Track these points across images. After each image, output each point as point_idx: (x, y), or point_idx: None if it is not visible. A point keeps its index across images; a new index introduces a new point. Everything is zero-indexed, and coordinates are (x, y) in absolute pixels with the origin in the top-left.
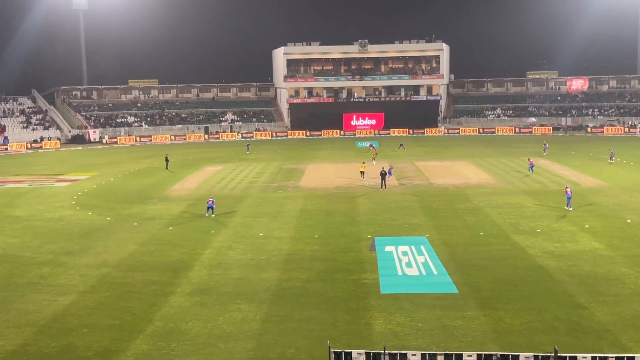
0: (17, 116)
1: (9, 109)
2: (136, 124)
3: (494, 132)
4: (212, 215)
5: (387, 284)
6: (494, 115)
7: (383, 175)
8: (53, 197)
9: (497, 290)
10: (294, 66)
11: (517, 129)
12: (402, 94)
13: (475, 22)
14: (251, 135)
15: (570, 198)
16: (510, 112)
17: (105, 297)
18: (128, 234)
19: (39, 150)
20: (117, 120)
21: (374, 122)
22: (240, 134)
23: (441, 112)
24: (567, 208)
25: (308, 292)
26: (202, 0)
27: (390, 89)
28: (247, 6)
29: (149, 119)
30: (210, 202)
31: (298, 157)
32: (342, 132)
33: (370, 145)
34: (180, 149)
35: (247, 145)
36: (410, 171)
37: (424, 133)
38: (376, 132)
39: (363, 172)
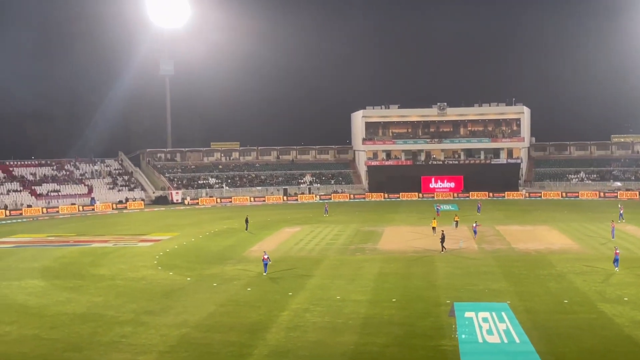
0: (104, 177)
1: (96, 171)
2: (217, 186)
3: (577, 197)
4: (265, 273)
5: (467, 351)
6: (577, 179)
7: (443, 237)
8: (136, 256)
9: None
10: (372, 129)
11: (601, 194)
12: (482, 156)
13: (557, 85)
14: (329, 197)
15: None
16: (594, 176)
17: (184, 357)
18: (207, 294)
19: (124, 211)
20: (199, 181)
21: (452, 184)
22: (318, 196)
23: (522, 175)
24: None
25: (385, 357)
26: (282, 65)
27: (469, 152)
28: (327, 70)
29: (229, 181)
30: (265, 259)
31: (376, 219)
32: (420, 195)
33: (437, 208)
34: (259, 211)
35: (325, 207)
36: (490, 235)
37: (504, 196)
38: (455, 195)
39: (434, 228)
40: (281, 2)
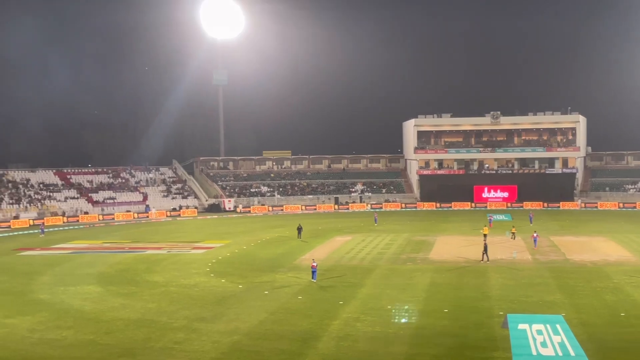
0: (158, 185)
1: (151, 179)
2: (269, 194)
3: (634, 207)
4: (314, 280)
5: None
6: (634, 190)
7: (486, 247)
8: (189, 263)
9: None
10: (424, 138)
11: None
12: (536, 166)
13: (614, 93)
14: (380, 206)
15: None
16: None
17: None
18: (259, 302)
19: (178, 218)
20: (251, 190)
21: (506, 194)
22: (369, 205)
23: (577, 185)
24: None
25: None
26: (334, 74)
27: (523, 161)
28: (379, 79)
29: (281, 189)
30: (314, 266)
31: (427, 229)
32: (473, 205)
33: (490, 219)
34: (310, 219)
35: (375, 216)
36: (545, 246)
37: (559, 207)
38: (509, 204)
39: (485, 235)
40: (333, 12)
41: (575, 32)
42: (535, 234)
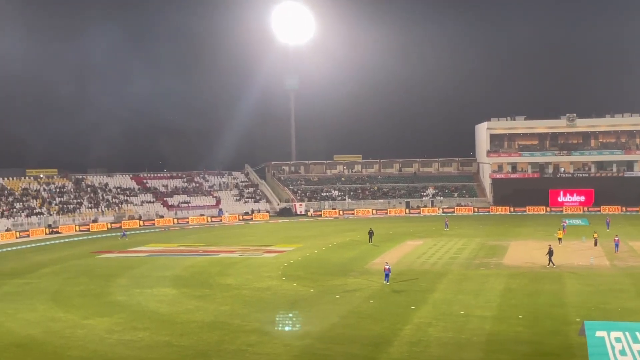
0: (231, 189)
1: (224, 183)
2: (340, 198)
3: None
4: (387, 283)
5: None
6: None
7: (551, 252)
8: (261, 267)
9: None
10: (497, 141)
11: None
12: (614, 169)
13: None
14: (452, 210)
15: None
16: None
17: None
18: (330, 305)
19: (250, 222)
20: (322, 194)
21: (582, 198)
22: (441, 209)
23: None
24: None
25: None
26: (405, 78)
27: (600, 164)
28: (450, 82)
29: (352, 193)
30: (387, 269)
31: (501, 233)
32: (548, 209)
33: (564, 224)
34: (381, 223)
35: (446, 221)
36: (623, 252)
37: (638, 211)
38: (585, 209)
39: (560, 239)
40: (404, 17)
41: None
42: (616, 238)
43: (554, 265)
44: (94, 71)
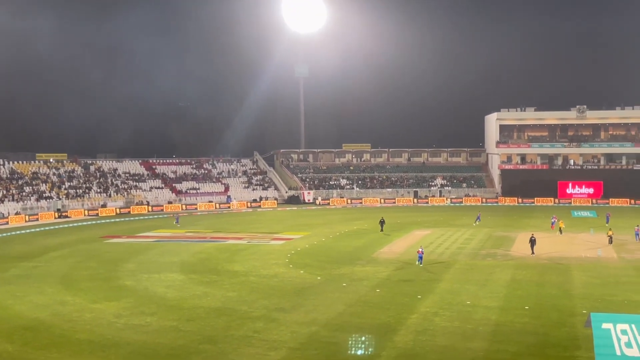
0: (239, 177)
1: (233, 170)
2: (348, 187)
3: None
4: (420, 265)
5: None
6: None
7: (533, 241)
8: (268, 254)
9: None
10: (506, 132)
11: None
12: (624, 162)
13: None
14: (460, 200)
15: None
16: None
17: (313, 355)
18: (337, 294)
19: (258, 209)
20: (330, 182)
21: (591, 190)
22: (449, 199)
23: None
24: None
25: None
26: (415, 67)
27: (610, 157)
28: (460, 72)
29: (360, 182)
30: (420, 252)
31: (509, 224)
32: (556, 200)
33: (553, 219)
34: (389, 212)
35: (478, 215)
36: (631, 244)
37: None
38: (594, 201)
39: (561, 229)
40: (415, 7)
41: None
42: (637, 227)
43: (534, 253)
44: (105, 57)
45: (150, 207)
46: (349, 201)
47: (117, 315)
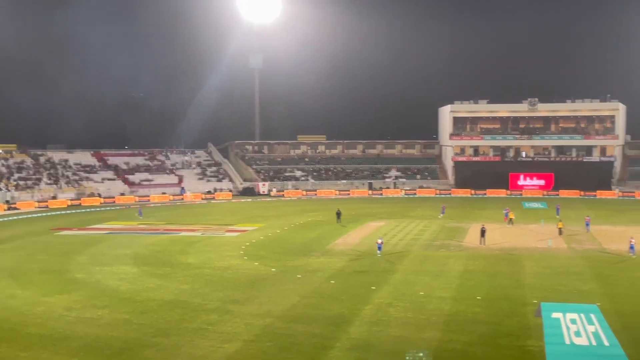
0: (193, 168)
1: (186, 161)
2: (303, 178)
3: None
4: (379, 254)
5: (553, 352)
6: None
7: (483, 232)
8: (223, 246)
9: None
10: (460, 124)
11: None
12: (574, 154)
13: None
14: (414, 192)
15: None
16: None
17: (268, 347)
18: (291, 285)
19: (212, 201)
20: (285, 174)
21: (542, 182)
22: (403, 191)
23: (615, 174)
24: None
25: (469, 356)
26: (370, 60)
27: (560, 149)
28: (414, 64)
29: (315, 174)
30: (379, 242)
31: (462, 215)
32: (508, 192)
33: (505, 211)
34: (344, 204)
35: (443, 206)
36: (581, 235)
37: (595, 195)
38: (545, 192)
39: (511, 219)
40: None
41: (614, 19)
42: (587, 218)
43: (485, 244)
44: (57, 47)
45: (102, 199)
46: (303, 193)
47: (68, 309)
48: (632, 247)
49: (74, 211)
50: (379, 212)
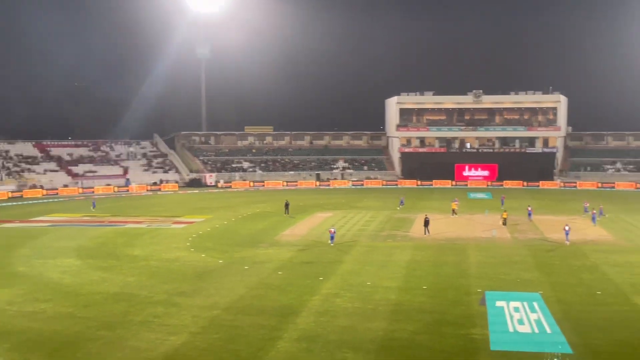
0: (139, 159)
1: (131, 152)
2: (250, 170)
3: (613, 187)
4: (331, 244)
5: (497, 340)
6: (613, 170)
7: (426, 222)
8: (169, 238)
9: (616, 353)
10: (406, 115)
11: (638, 185)
12: (517, 145)
13: (595, 74)
14: (361, 183)
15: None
16: (631, 167)
17: (215, 339)
18: (238, 277)
19: (158, 193)
20: (233, 165)
21: (487, 173)
22: (350, 182)
23: (557, 165)
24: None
25: (415, 344)
26: (317, 51)
27: (504, 140)
28: (361, 56)
29: (262, 165)
30: (332, 232)
31: (408, 206)
32: (453, 183)
33: (401, 200)
34: (292, 195)
35: (401, 199)
36: (523, 224)
37: (538, 186)
38: (489, 183)
39: (454, 210)
40: None
41: (557, 14)
42: (529, 208)
43: (428, 234)
44: None
45: (44, 191)
46: (251, 184)
47: (9, 303)
48: (567, 234)
49: (15, 203)
50: (326, 203)
